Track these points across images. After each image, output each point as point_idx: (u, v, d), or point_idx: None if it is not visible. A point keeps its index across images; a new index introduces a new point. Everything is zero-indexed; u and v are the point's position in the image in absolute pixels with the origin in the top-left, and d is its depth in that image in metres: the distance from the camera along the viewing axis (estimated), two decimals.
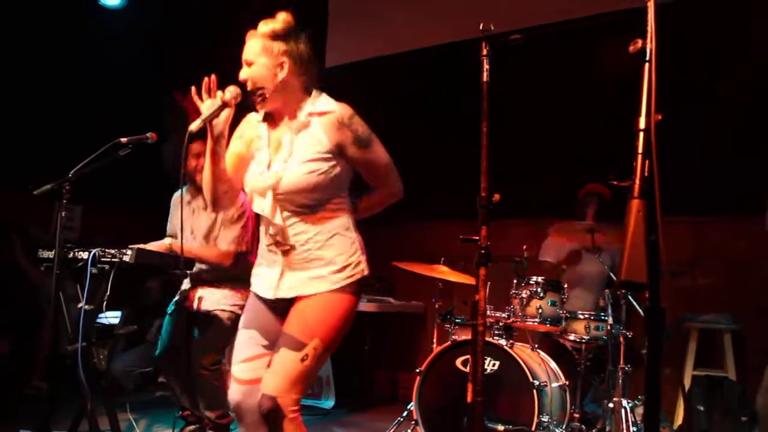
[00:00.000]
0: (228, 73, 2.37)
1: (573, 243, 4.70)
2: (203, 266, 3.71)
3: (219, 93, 2.28)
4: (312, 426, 4.64)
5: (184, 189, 3.79)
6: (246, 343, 2.36)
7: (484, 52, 2.18)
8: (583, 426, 3.96)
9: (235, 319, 3.70)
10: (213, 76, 2.31)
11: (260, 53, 2.27)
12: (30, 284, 5.03)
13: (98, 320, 3.22)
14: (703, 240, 5.09)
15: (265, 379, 2.20)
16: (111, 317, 3.83)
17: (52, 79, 5.48)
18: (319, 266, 2.28)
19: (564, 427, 3.82)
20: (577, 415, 3.98)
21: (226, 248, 3.71)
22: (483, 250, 2.11)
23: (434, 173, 5.66)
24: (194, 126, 2.21)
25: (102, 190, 5.04)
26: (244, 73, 2.30)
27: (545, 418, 3.59)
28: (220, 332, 3.66)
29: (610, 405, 3.82)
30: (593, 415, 4.32)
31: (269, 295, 2.34)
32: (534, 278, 4.15)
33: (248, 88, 2.30)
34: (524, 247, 4.28)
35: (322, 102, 2.33)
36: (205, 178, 2.35)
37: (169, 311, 3.82)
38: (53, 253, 3.05)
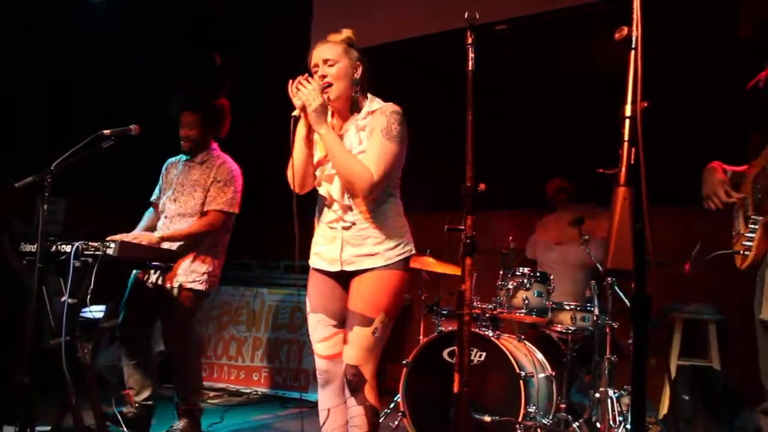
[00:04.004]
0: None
1: (557, 239, 4.75)
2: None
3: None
4: (299, 418, 4.64)
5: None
6: (317, 326, 2.73)
7: (469, 40, 2.17)
8: (569, 416, 3.97)
9: (206, 288, 3.73)
10: (306, 75, 2.59)
11: (342, 55, 2.63)
12: (14, 278, 4.96)
13: (82, 314, 3.18)
14: (688, 230, 5.10)
15: (347, 353, 2.60)
16: (95, 311, 3.79)
17: (35, 72, 5.41)
18: (373, 243, 2.60)
19: (550, 417, 3.83)
20: (563, 406, 3.99)
21: (217, 208, 3.72)
22: (468, 240, 2.10)
23: (420, 164, 5.63)
24: (296, 112, 2.55)
25: (93, 184, 5.03)
26: (327, 71, 2.60)
27: (532, 409, 3.60)
28: (189, 303, 3.69)
29: (597, 395, 3.83)
30: (580, 405, 4.33)
31: (335, 268, 2.65)
32: (520, 269, 4.15)
33: (324, 86, 2.58)
34: (510, 238, 4.29)
35: (376, 103, 2.70)
36: (297, 161, 2.64)
37: (131, 282, 3.82)
38: (35, 246, 3.01)
